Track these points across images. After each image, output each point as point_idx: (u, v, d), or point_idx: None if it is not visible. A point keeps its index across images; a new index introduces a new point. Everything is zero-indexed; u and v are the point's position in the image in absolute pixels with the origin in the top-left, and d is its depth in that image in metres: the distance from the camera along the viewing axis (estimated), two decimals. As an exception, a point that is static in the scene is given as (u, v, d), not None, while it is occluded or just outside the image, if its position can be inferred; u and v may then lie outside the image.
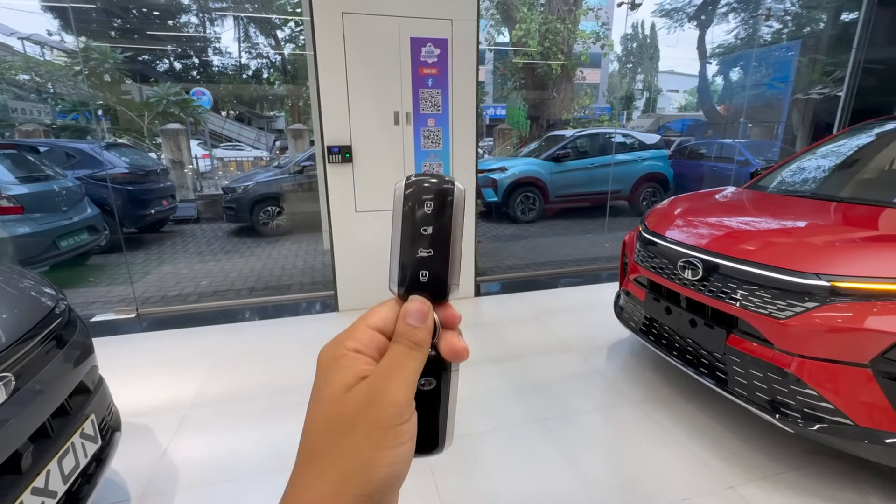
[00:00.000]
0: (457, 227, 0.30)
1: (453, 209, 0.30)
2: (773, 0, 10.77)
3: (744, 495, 1.68)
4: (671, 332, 2.08)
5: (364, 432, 0.26)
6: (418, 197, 0.29)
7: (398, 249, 0.30)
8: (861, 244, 1.68)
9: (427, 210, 0.29)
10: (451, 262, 0.30)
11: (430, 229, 0.30)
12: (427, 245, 0.30)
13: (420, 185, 0.30)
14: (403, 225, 0.30)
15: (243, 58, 16.80)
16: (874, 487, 1.69)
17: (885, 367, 1.41)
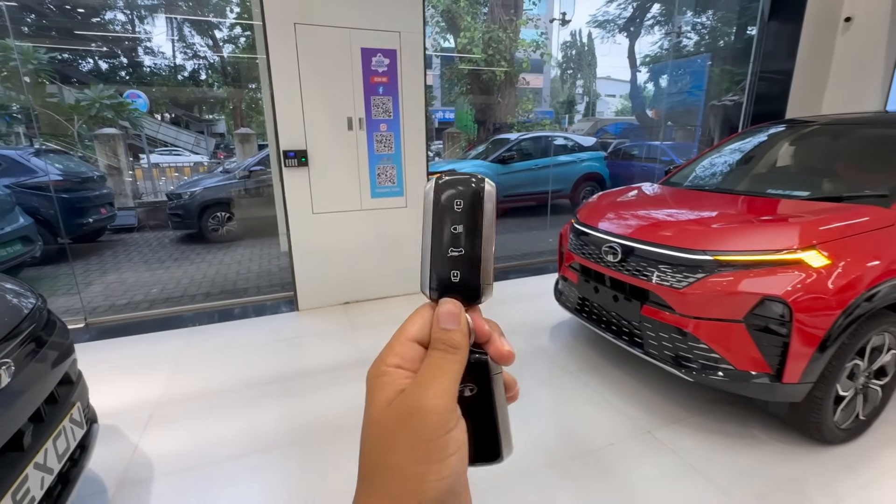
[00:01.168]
0: (488, 226, 0.30)
1: (483, 207, 0.30)
2: (693, 14, 11.90)
3: (658, 437, 2.03)
4: (599, 308, 2.42)
5: (408, 447, 0.25)
6: (448, 196, 0.29)
7: (429, 251, 0.30)
8: (740, 226, 2.08)
9: (457, 209, 0.29)
10: (484, 261, 0.30)
11: (461, 228, 0.29)
12: (458, 245, 0.29)
13: (450, 184, 0.30)
14: (434, 225, 0.30)
15: (178, 58, 16.00)
16: (756, 422, 2.10)
17: (754, 321, 1.79)
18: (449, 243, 0.30)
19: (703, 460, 1.88)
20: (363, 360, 2.70)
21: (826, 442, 1.92)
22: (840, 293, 1.71)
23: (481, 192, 0.30)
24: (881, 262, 1.81)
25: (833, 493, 1.70)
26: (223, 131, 17.45)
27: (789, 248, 1.79)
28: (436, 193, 0.30)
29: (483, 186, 0.30)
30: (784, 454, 1.90)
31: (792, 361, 1.74)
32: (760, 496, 1.69)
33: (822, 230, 1.84)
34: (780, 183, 2.66)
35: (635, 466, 1.86)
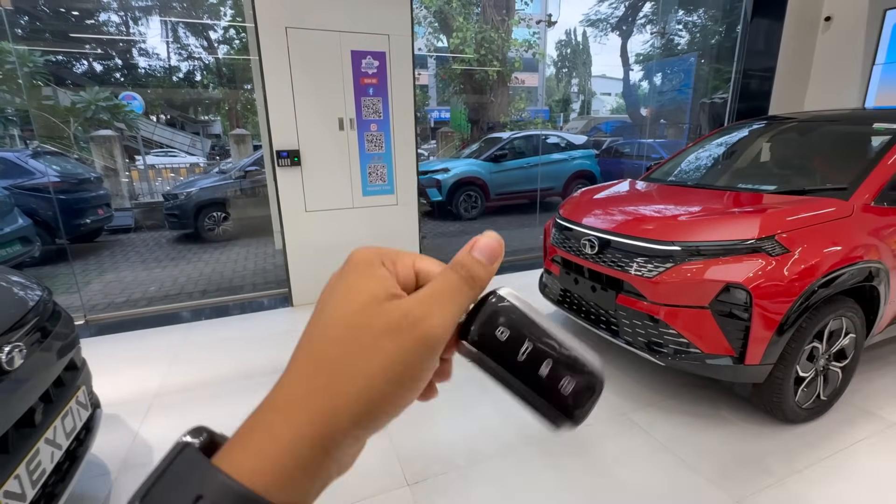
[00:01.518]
0: (539, 318, 0.27)
1: (520, 308, 0.27)
2: (684, 13, 12.04)
3: (633, 419, 2.14)
4: (579, 299, 2.53)
5: (386, 361, 0.23)
6: (491, 336, 0.26)
7: (530, 393, 0.26)
8: (706, 218, 2.19)
9: (502, 336, 0.26)
10: (572, 349, 0.26)
11: (528, 344, 0.26)
12: (542, 357, 0.26)
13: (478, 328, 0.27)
14: (509, 369, 0.26)
15: (173, 60, 16.01)
16: (725, 404, 2.22)
17: (719, 307, 1.91)
18: (534, 367, 0.26)
19: (674, 439, 1.99)
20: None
21: (789, 421, 2.04)
22: (797, 280, 1.83)
23: (502, 300, 0.27)
24: (838, 251, 1.92)
25: (792, 467, 1.82)
26: (219, 132, 17.48)
27: (751, 238, 1.91)
28: (477, 345, 0.27)
29: (499, 294, 0.27)
30: (749, 433, 2.02)
31: (753, 344, 1.85)
32: (723, 470, 1.80)
33: (782, 221, 1.96)
34: (751, 178, 2.78)
35: (610, 445, 1.98)
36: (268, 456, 0.21)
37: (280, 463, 0.21)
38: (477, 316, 0.27)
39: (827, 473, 1.78)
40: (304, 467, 0.22)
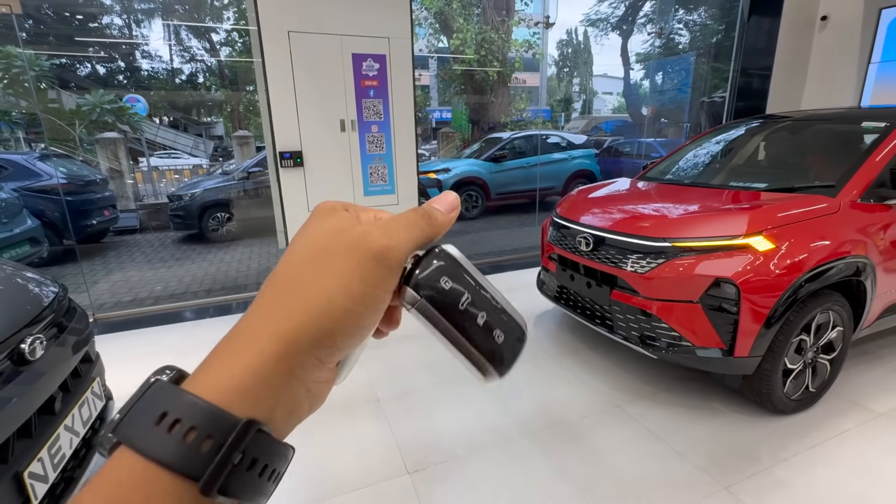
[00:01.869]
0: (477, 274, 0.29)
1: (461, 264, 0.29)
2: (684, 12, 12.07)
3: (627, 411, 2.20)
4: (575, 295, 2.59)
5: (345, 278, 0.24)
6: (430, 282, 0.27)
7: (464, 343, 0.28)
8: (697, 215, 2.25)
9: (445, 285, 0.27)
10: (503, 303, 0.30)
11: (467, 296, 0.28)
12: (479, 310, 0.28)
13: (424, 276, 0.27)
14: (450, 319, 0.27)
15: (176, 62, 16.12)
16: (716, 395, 2.28)
17: (709, 301, 1.97)
18: (472, 318, 0.28)
19: (665, 430, 2.05)
20: (357, 347, 2.88)
21: (778, 411, 2.10)
22: (784, 275, 1.89)
23: (448, 256, 0.29)
24: (825, 246, 1.98)
25: (780, 455, 1.88)
26: (222, 134, 17.59)
27: (739, 234, 1.97)
28: (420, 292, 0.27)
29: (444, 250, 0.29)
30: (740, 423, 2.08)
31: (742, 337, 1.91)
32: (713, 459, 1.87)
33: (770, 217, 2.02)
34: (743, 176, 2.84)
35: (604, 436, 2.04)
36: (231, 374, 0.22)
37: (243, 380, 0.22)
38: (421, 264, 0.28)
39: (814, 461, 1.83)
40: (267, 383, 0.22)
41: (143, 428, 0.20)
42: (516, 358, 0.30)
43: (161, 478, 0.20)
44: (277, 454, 0.23)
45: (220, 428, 0.20)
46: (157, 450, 0.20)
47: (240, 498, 0.21)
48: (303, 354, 0.23)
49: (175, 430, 0.20)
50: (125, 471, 0.20)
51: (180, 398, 0.21)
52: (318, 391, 0.26)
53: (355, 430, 2.10)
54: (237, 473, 0.21)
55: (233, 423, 0.21)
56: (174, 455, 0.20)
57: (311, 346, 0.23)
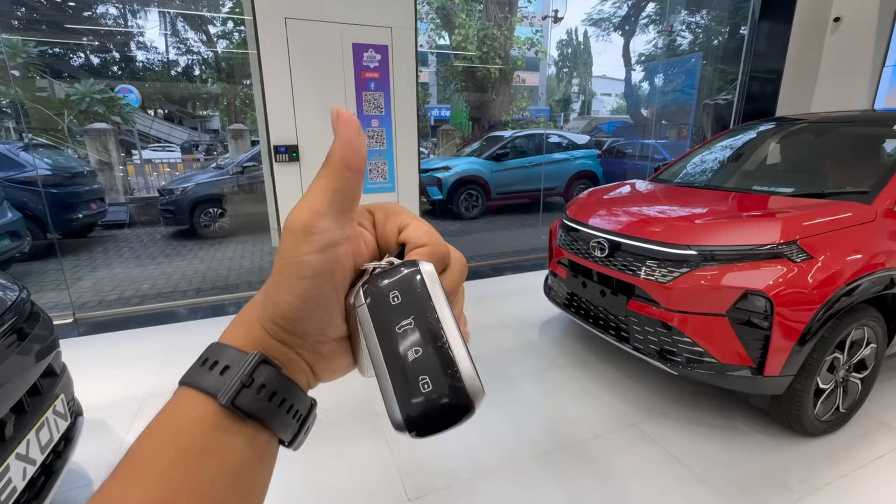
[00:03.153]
0: (442, 307, 0.24)
1: (427, 287, 0.25)
2: (687, 13, 11.96)
3: (643, 429, 2.05)
4: (587, 303, 2.44)
5: (276, 258, 0.26)
6: (380, 294, 0.25)
7: (385, 373, 0.24)
8: (724, 222, 2.10)
9: (395, 301, 0.25)
10: (455, 352, 0.23)
11: (409, 321, 0.24)
12: (413, 343, 0.24)
13: (377, 281, 0.25)
14: (379, 337, 0.24)
15: (171, 53, 15.84)
16: (739, 414, 2.13)
17: (737, 315, 1.82)
18: (402, 347, 0.24)
19: (686, 451, 1.90)
20: (353, 354, 2.71)
21: (807, 434, 1.95)
22: (820, 287, 1.74)
23: (417, 271, 0.25)
24: (861, 258, 1.84)
25: (811, 483, 1.73)
26: (217, 127, 17.35)
27: (771, 243, 1.82)
28: (366, 297, 0.25)
29: (416, 263, 0.26)
30: (765, 445, 1.93)
31: (773, 354, 1.76)
32: (740, 486, 1.72)
33: (804, 226, 1.87)
34: (766, 180, 2.69)
35: (620, 458, 1.88)
36: (237, 324, 0.29)
37: (249, 332, 0.27)
38: (384, 273, 0.26)
39: (850, 491, 1.69)
40: (257, 338, 0.27)
41: (195, 371, 0.26)
42: (438, 425, 0.23)
43: (199, 397, 0.25)
44: (291, 391, 0.27)
45: (238, 361, 0.26)
46: (199, 381, 0.26)
47: (255, 416, 0.25)
48: (269, 324, 0.27)
49: (213, 368, 0.26)
50: (179, 398, 0.26)
51: (217, 347, 0.27)
52: (311, 359, 0.29)
53: (351, 449, 1.93)
54: (248, 393, 0.25)
55: (245, 357, 0.26)
56: (208, 382, 0.25)
57: (270, 318, 0.27)
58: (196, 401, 0.25)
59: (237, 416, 0.25)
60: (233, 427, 0.25)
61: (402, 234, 0.29)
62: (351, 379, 0.31)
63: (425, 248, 0.29)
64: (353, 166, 0.26)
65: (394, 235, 0.30)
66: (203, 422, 0.24)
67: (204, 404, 0.25)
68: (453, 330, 0.24)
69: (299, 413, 0.28)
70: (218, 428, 0.24)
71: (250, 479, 0.25)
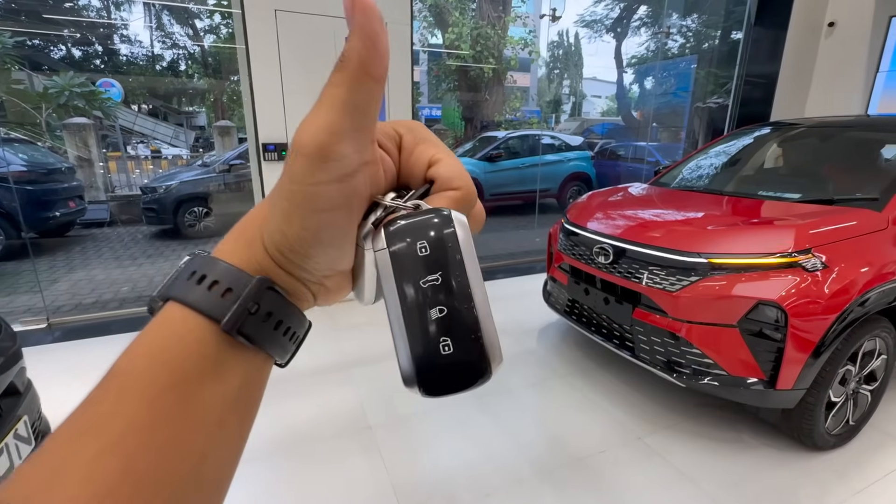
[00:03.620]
0: (473, 267, 0.23)
1: (459, 243, 0.23)
2: (678, 17, 12.01)
3: (649, 444, 1.98)
4: (590, 311, 2.36)
5: (282, 181, 0.23)
6: (406, 243, 0.22)
7: (402, 327, 0.22)
8: (734, 228, 2.04)
9: (423, 253, 0.22)
10: (482, 317, 0.22)
11: (437, 277, 0.22)
12: (438, 301, 0.22)
13: (405, 228, 0.23)
14: (399, 289, 0.22)
15: (156, 47, 15.47)
16: (746, 427, 2.06)
17: (749, 326, 1.75)
18: (425, 303, 0.22)
19: (694, 467, 1.83)
20: (346, 362, 2.59)
21: (817, 448, 1.89)
22: (835, 298, 1.68)
23: (450, 223, 0.23)
24: (873, 267, 1.78)
25: (823, 501, 1.67)
26: (204, 124, 17.02)
27: (784, 252, 1.75)
28: (389, 241, 0.23)
29: (450, 216, 0.23)
30: (774, 460, 1.87)
31: (786, 367, 1.70)
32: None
33: (816, 233, 1.81)
34: (770, 185, 2.64)
35: (626, 474, 1.80)
36: (237, 238, 0.26)
37: (239, 243, 0.26)
38: (409, 217, 0.24)
39: (865, 510, 1.63)
40: (259, 262, 0.25)
41: (185, 286, 0.24)
42: (453, 387, 0.22)
43: (196, 319, 0.23)
44: (292, 314, 0.26)
45: (241, 283, 0.24)
46: (194, 299, 0.23)
47: (258, 343, 0.24)
48: (275, 254, 0.25)
49: (211, 287, 0.23)
50: (171, 315, 0.23)
51: (213, 264, 0.24)
52: (316, 289, 0.27)
53: (343, 464, 1.82)
54: (253, 320, 0.24)
55: (249, 280, 0.24)
56: (207, 303, 0.23)
57: (277, 247, 0.24)
58: (192, 323, 0.23)
59: (240, 342, 0.24)
60: (233, 353, 0.24)
61: (431, 170, 0.27)
62: (342, 392, 0.36)
63: (457, 193, 0.26)
64: (376, 73, 0.22)
65: (421, 167, 0.27)
66: (201, 346, 0.23)
67: (202, 327, 0.23)
68: (481, 292, 0.23)
69: (297, 335, 0.27)
70: (218, 353, 0.23)
71: (247, 402, 0.25)
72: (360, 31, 0.21)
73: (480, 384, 0.23)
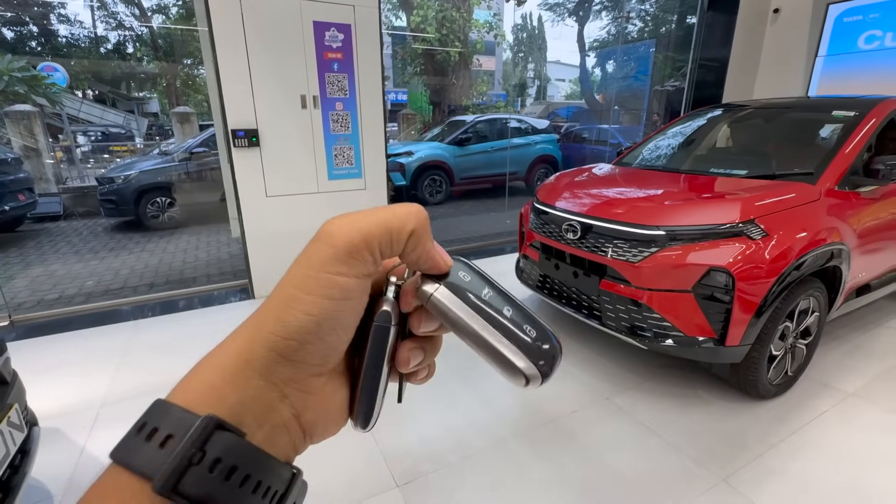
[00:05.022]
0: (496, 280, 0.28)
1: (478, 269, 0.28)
2: (637, 1, 12.30)
3: (616, 403, 2.16)
4: (560, 285, 2.50)
5: (296, 270, 0.24)
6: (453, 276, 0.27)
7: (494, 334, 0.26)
8: (687, 203, 2.21)
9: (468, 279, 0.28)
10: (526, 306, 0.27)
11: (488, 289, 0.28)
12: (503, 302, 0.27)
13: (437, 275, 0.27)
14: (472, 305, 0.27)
15: (100, 28, 14.43)
16: (701, 383, 2.28)
17: (702, 291, 1.93)
18: (499, 307, 0.27)
19: (656, 421, 2.02)
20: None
21: (761, 397, 2.13)
22: (775, 262, 1.88)
23: (462, 263, 0.28)
24: (808, 234, 1.99)
25: (768, 442, 1.89)
26: (157, 110, 16.14)
27: (732, 222, 1.93)
28: (439, 280, 0.27)
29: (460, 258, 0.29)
30: (726, 411, 2.09)
31: (734, 326, 1.89)
32: (707, 449, 1.85)
33: (759, 205, 2.00)
34: (720, 162, 2.84)
35: (598, 431, 1.97)
36: (202, 376, 0.23)
37: (208, 380, 0.23)
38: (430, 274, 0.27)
39: (800, 445, 1.86)
40: (229, 381, 0.23)
41: (127, 442, 0.21)
42: (555, 361, 0.27)
43: (131, 481, 0.20)
44: (260, 464, 0.22)
45: (182, 427, 0.20)
46: (127, 455, 0.20)
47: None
48: (262, 349, 0.23)
49: (150, 437, 0.20)
50: (108, 478, 0.20)
51: (161, 408, 0.22)
52: (299, 401, 0.25)
53: (333, 441, 1.90)
54: (196, 472, 0.20)
55: (193, 420, 0.21)
56: (141, 458, 0.20)
57: (268, 339, 0.23)
58: (127, 487, 0.20)
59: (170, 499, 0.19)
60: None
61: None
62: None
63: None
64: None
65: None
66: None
67: (138, 493, 0.19)
68: (513, 293, 0.28)
69: (273, 490, 0.22)
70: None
71: None
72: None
73: (562, 358, 0.27)
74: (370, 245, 0.24)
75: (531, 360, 0.26)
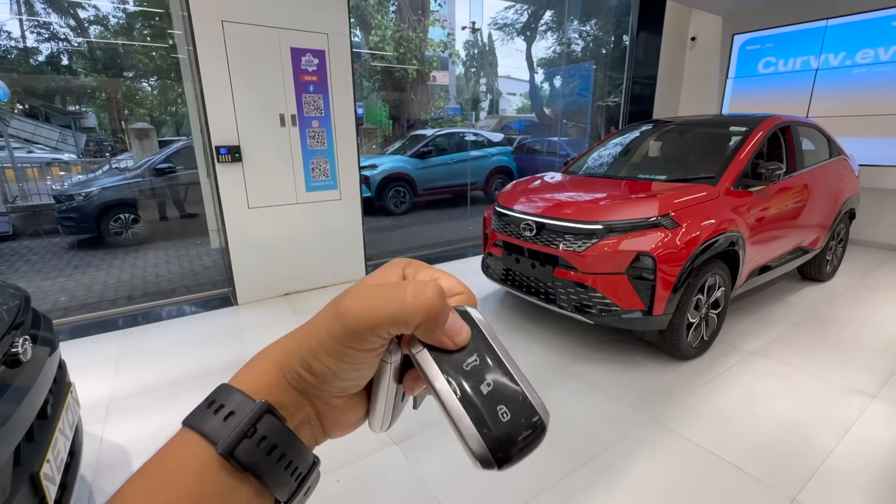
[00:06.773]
0: (500, 346, 0.28)
1: (482, 328, 0.28)
2: (578, 23, 13.34)
3: (570, 371, 2.58)
4: (521, 276, 2.92)
5: (319, 331, 0.27)
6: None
7: (458, 407, 0.25)
8: (619, 202, 2.70)
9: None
10: (520, 381, 0.26)
11: (475, 358, 0.26)
12: (485, 377, 0.26)
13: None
14: (447, 374, 0.26)
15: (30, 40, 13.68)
16: (638, 351, 2.76)
17: (632, 272, 2.40)
18: (475, 381, 0.25)
19: (602, 382, 2.46)
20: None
21: (683, 357, 2.62)
22: (686, 247, 2.38)
23: (468, 315, 0.29)
24: (712, 224, 2.52)
25: (688, 390, 2.37)
26: (94, 125, 15.40)
27: (653, 217, 2.42)
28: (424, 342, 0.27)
29: (466, 309, 0.29)
30: (656, 370, 2.56)
31: (658, 299, 2.37)
32: (641, 398, 2.30)
33: (674, 203, 2.51)
34: (647, 169, 3.40)
35: (556, 391, 2.38)
36: (255, 376, 0.29)
37: (254, 377, 0.29)
38: None
39: (712, 391, 2.36)
40: (270, 382, 0.28)
41: (198, 413, 0.27)
42: (523, 449, 0.25)
43: (199, 443, 0.25)
44: (293, 446, 0.27)
45: (242, 407, 0.26)
46: (199, 423, 0.26)
47: (253, 471, 0.25)
48: (291, 371, 0.28)
49: (217, 412, 0.26)
50: (179, 440, 0.26)
51: (226, 390, 0.28)
52: (322, 409, 0.30)
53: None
54: (247, 444, 0.25)
55: (251, 404, 0.26)
56: (209, 426, 0.25)
57: (299, 365, 0.28)
58: (196, 446, 0.25)
59: (235, 467, 0.25)
60: (230, 479, 0.25)
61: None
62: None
63: (462, 296, 0.31)
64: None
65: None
66: (200, 471, 0.24)
67: (203, 451, 0.25)
68: (511, 362, 0.27)
69: (299, 471, 0.27)
70: (214, 479, 0.24)
71: None
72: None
73: (541, 440, 0.25)
74: (377, 332, 0.26)
75: (488, 446, 0.24)
